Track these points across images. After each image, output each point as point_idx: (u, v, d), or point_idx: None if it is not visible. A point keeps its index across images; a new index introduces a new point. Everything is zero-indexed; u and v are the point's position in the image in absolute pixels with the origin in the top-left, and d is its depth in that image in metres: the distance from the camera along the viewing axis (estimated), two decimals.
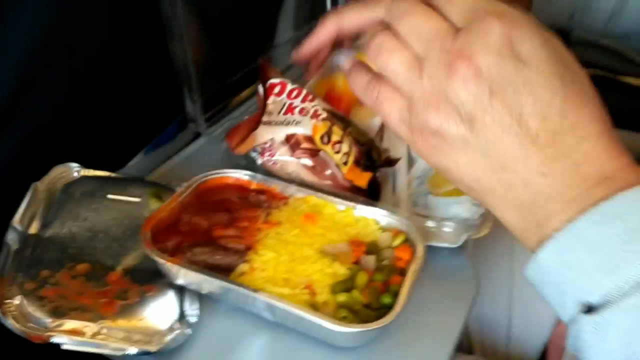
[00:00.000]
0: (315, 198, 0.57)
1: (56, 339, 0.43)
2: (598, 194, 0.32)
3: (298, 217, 0.55)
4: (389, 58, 0.37)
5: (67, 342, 0.43)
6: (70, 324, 0.44)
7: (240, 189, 0.59)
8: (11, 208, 0.54)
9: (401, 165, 0.67)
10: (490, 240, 0.73)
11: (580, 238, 0.32)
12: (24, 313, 0.45)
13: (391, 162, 0.65)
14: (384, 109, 0.38)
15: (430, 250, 0.56)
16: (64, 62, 0.60)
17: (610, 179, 0.33)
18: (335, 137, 0.60)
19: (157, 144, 0.76)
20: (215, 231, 0.53)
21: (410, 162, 0.68)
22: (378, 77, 0.39)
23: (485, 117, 0.33)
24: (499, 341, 0.74)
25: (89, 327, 0.45)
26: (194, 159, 0.69)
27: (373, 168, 0.60)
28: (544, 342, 0.71)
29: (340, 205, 0.56)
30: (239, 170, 0.59)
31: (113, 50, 0.66)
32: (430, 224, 0.57)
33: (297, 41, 0.82)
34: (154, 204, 0.58)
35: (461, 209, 0.60)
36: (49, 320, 0.44)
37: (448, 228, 0.57)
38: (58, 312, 0.45)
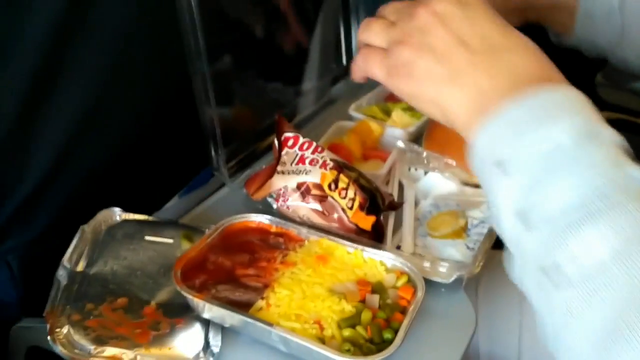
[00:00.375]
0: (327, 241, 0.63)
1: None
2: (526, 89, 0.42)
3: (312, 259, 0.61)
4: (372, 25, 0.52)
5: None
6: (110, 350, 0.51)
7: (261, 231, 0.65)
8: (62, 247, 0.62)
9: (406, 208, 0.73)
10: (500, 279, 0.76)
11: (504, 117, 0.42)
12: (71, 341, 0.52)
13: (395, 206, 0.71)
14: (369, 63, 0.52)
15: (432, 288, 0.62)
16: (111, 119, 0.69)
17: (538, 80, 0.43)
18: (341, 184, 0.66)
19: (190, 188, 0.83)
20: (238, 270, 0.60)
21: (415, 205, 0.75)
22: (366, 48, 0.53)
23: (439, 42, 0.47)
24: None
25: (126, 354, 0.51)
26: (221, 203, 0.76)
27: (377, 212, 0.66)
28: None
29: (350, 248, 0.62)
30: (260, 215, 0.66)
31: (152, 109, 0.74)
32: (425, 264, 0.63)
33: (321, 89, 0.90)
34: (185, 245, 0.65)
35: (455, 251, 0.67)
36: (92, 347, 0.51)
37: (442, 268, 0.63)
38: (100, 340, 0.52)
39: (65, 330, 0.52)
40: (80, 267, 0.60)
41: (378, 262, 0.61)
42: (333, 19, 0.99)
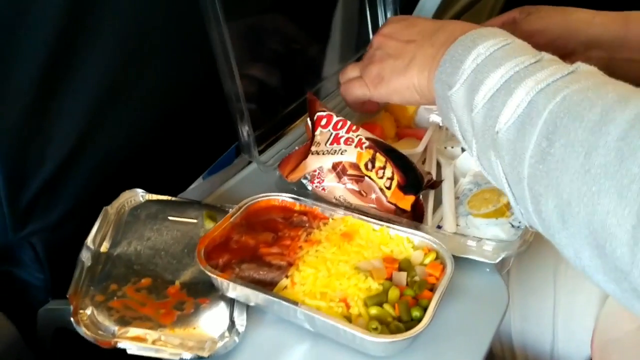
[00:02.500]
0: (352, 218, 0.62)
1: (122, 344, 0.50)
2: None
3: (336, 236, 0.60)
4: (346, 67, 0.73)
5: (131, 347, 0.50)
6: (133, 331, 0.51)
7: (285, 210, 0.64)
8: (85, 229, 0.61)
9: (445, 187, 0.70)
10: (534, 258, 0.75)
11: (445, 59, 0.54)
12: (95, 322, 0.51)
13: (434, 184, 0.69)
14: (351, 90, 0.70)
15: (468, 267, 0.60)
16: (132, 99, 0.68)
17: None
18: (378, 164, 0.64)
19: (214, 169, 0.83)
20: (262, 249, 0.59)
21: (454, 183, 0.72)
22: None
23: (393, 49, 0.64)
24: (544, 356, 0.75)
25: (150, 335, 0.51)
26: (246, 183, 0.75)
27: (416, 191, 0.64)
28: (588, 357, 0.72)
29: (375, 225, 0.61)
30: (283, 194, 0.65)
31: (176, 89, 0.73)
32: (470, 242, 0.61)
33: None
34: (209, 224, 0.64)
35: (500, 230, 0.64)
36: (115, 328, 0.51)
37: (487, 247, 0.60)
38: (124, 321, 0.52)
39: (89, 311, 0.52)
40: (104, 248, 0.60)
41: (405, 238, 0.60)
42: (354, 2, 0.97)
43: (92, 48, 0.61)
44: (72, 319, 0.51)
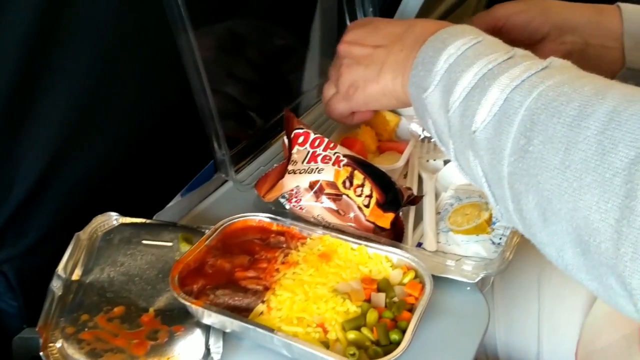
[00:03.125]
0: (330, 237, 0.61)
1: None
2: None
3: (314, 257, 0.59)
4: (324, 86, 0.72)
5: None
6: None
7: (262, 230, 0.63)
8: (59, 255, 0.60)
9: (426, 202, 0.70)
10: (518, 270, 0.74)
11: (417, 62, 0.54)
12: (65, 355, 0.50)
13: (414, 200, 0.68)
14: (332, 107, 0.69)
15: (448, 286, 0.59)
16: (104, 121, 0.67)
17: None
18: (357, 181, 0.63)
19: (193, 186, 0.81)
20: (237, 273, 0.58)
21: (435, 197, 0.71)
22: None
23: (360, 56, 0.63)
24: None
25: None
26: (223, 202, 0.74)
27: (396, 208, 0.63)
28: None
29: (354, 244, 0.60)
30: (261, 214, 0.64)
31: (149, 108, 0.72)
32: (449, 262, 0.60)
33: (322, 89, 0.87)
34: (185, 247, 0.63)
35: (480, 247, 0.63)
36: None
37: (467, 266, 0.60)
38: (94, 354, 0.50)
39: (59, 344, 0.51)
40: (75, 276, 0.58)
41: (383, 257, 0.59)
42: (334, 6, 0.96)
43: (61, 70, 0.59)
44: (41, 352, 0.50)
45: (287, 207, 0.66)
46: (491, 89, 0.45)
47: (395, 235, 0.63)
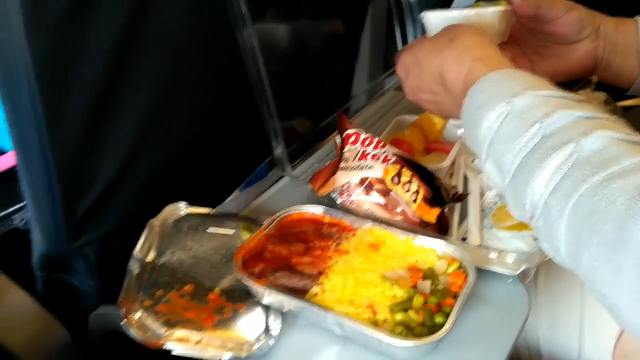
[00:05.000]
0: (379, 229, 0.65)
1: (168, 345, 0.55)
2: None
3: (364, 247, 0.64)
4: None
5: (176, 348, 0.54)
6: (178, 333, 0.56)
7: (316, 222, 0.68)
8: (133, 240, 0.67)
9: (471, 200, 0.74)
10: (562, 267, 0.77)
11: (466, 122, 0.56)
12: (144, 325, 0.57)
13: (460, 197, 0.72)
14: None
15: (490, 277, 0.63)
16: (174, 120, 0.74)
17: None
18: (404, 178, 0.68)
19: (250, 182, 0.87)
20: (294, 258, 0.63)
21: (480, 196, 0.75)
22: None
23: (421, 101, 0.66)
24: None
25: (193, 336, 0.56)
26: (279, 196, 0.79)
27: (441, 204, 0.68)
28: None
29: (401, 236, 0.64)
30: (314, 206, 0.69)
31: (214, 108, 0.78)
32: (492, 255, 0.64)
33: (372, 92, 0.93)
34: (245, 235, 0.69)
35: (523, 243, 0.67)
36: (163, 330, 0.56)
37: (509, 259, 0.63)
38: (169, 324, 0.56)
39: (138, 315, 0.57)
40: (150, 258, 0.65)
41: (429, 249, 0.63)
42: (383, 12, 1.01)
43: (138, 76, 0.66)
44: (123, 322, 0.56)
45: (339, 201, 0.71)
46: (529, 187, 0.46)
47: (440, 229, 0.67)
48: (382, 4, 0.98)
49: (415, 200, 0.67)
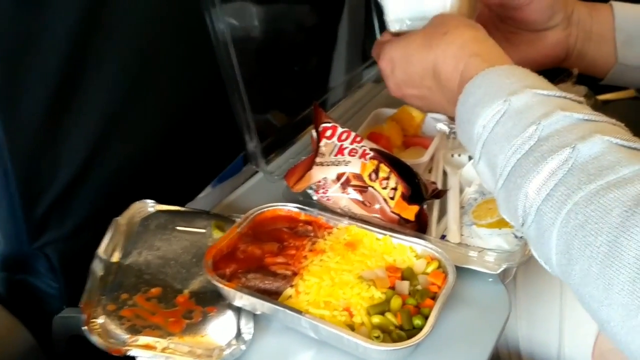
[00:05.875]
0: (356, 228, 0.63)
1: (132, 352, 0.52)
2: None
3: (340, 246, 0.61)
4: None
5: (141, 355, 0.51)
6: (144, 339, 0.53)
7: (291, 219, 0.66)
8: (98, 239, 0.63)
9: (450, 196, 0.71)
10: (539, 263, 0.75)
11: (460, 120, 0.53)
12: (106, 330, 0.53)
13: (439, 193, 0.70)
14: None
15: (470, 276, 0.61)
16: (141, 112, 0.70)
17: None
18: (382, 174, 0.66)
19: (223, 177, 0.84)
20: (267, 259, 0.60)
21: (460, 192, 0.73)
22: None
23: (408, 96, 0.63)
24: None
25: (159, 343, 0.53)
26: (252, 193, 0.77)
27: (420, 201, 0.65)
28: None
29: (379, 234, 0.62)
30: (289, 204, 0.66)
31: (183, 101, 0.75)
32: (472, 253, 0.62)
33: (349, 84, 0.90)
34: (217, 234, 0.66)
35: (503, 240, 0.65)
36: (127, 337, 0.53)
37: (489, 257, 0.61)
38: (134, 330, 0.53)
39: (101, 320, 0.54)
40: (115, 258, 0.62)
41: (408, 247, 0.61)
42: (361, 2, 0.98)
43: (101, 64, 0.63)
44: (84, 327, 0.53)
45: (315, 197, 0.68)
46: (522, 192, 0.44)
47: (419, 227, 0.65)
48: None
49: (393, 197, 0.65)
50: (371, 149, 0.68)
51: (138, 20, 0.64)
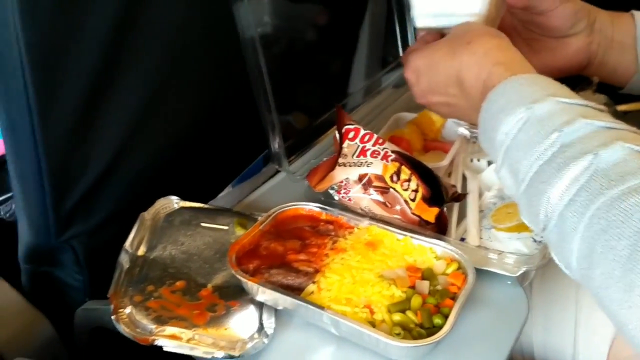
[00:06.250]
0: (377, 228, 0.64)
1: (159, 342, 0.53)
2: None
3: (361, 245, 0.62)
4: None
5: (167, 345, 0.53)
6: (170, 330, 0.54)
7: (312, 219, 0.67)
8: (123, 234, 0.65)
9: (470, 200, 0.72)
10: (558, 270, 0.76)
11: (482, 129, 0.54)
12: (133, 320, 0.55)
13: (458, 197, 0.71)
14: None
15: (490, 279, 0.62)
16: (168, 112, 0.72)
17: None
18: (403, 176, 0.67)
19: (243, 177, 0.86)
20: (289, 256, 0.61)
21: (479, 196, 0.74)
22: None
23: (434, 104, 0.64)
24: None
25: (185, 333, 0.54)
26: (274, 192, 0.78)
27: (440, 203, 0.66)
28: None
29: (399, 235, 0.63)
30: (311, 203, 0.67)
31: (208, 101, 0.77)
32: (492, 255, 0.63)
33: (369, 89, 0.91)
34: (239, 231, 0.67)
35: (522, 244, 0.66)
36: (153, 327, 0.54)
37: (508, 260, 0.62)
38: (160, 320, 0.55)
39: (128, 310, 0.55)
40: (141, 252, 0.63)
41: (428, 249, 0.62)
42: (383, 9, 1.00)
43: (133, 64, 0.64)
44: (112, 317, 0.54)
45: (336, 198, 0.69)
46: (544, 197, 0.45)
47: (439, 229, 0.66)
48: (382, 2, 0.97)
49: (414, 199, 0.66)
50: (393, 151, 0.69)
51: (170, 21, 0.66)
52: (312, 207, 0.67)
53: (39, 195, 0.61)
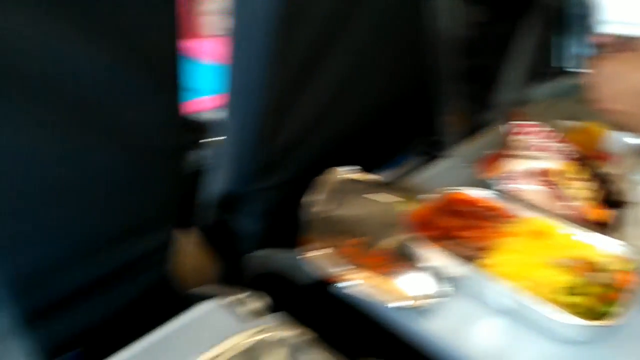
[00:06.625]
0: (542, 220, 0.67)
1: (346, 284, 0.59)
2: None
3: (526, 233, 0.66)
4: None
5: (353, 286, 0.58)
6: (355, 274, 0.60)
7: (477, 204, 0.71)
8: (301, 193, 0.71)
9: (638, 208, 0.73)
10: None
11: None
12: (323, 263, 0.61)
13: (625, 204, 0.72)
14: None
15: None
16: (359, 92, 0.79)
17: None
18: (579, 175, 0.70)
19: (405, 160, 0.91)
20: (460, 231, 0.66)
21: None
22: None
23: None
24: None
25: (369, 279, 0.60)
26: (438, 176, 0.83)
27: (612, 206, 0.69)
28: None
29: (565, 230, 0.66)
30: (478, 189, 0.72)
31: (389, 88, 0.83)
32: None
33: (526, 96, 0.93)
34: (407, 206, 0.72)
35: None
36: (339, 270, 0.60)
37: None
38: (346, 265, 0.61)
39: (316, 253, 0.62)
40: (321, 210, 0.70)
41: (594, 246, 0.64)
42: (540, 26, 1.02)
43: (345, 44, 0.72)
44: (302, 256, 0.61)
45: (501, 187, 0.73)
46: None
47: (607, 230, 0.68)
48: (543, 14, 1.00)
49: (583, 198, 0.68)
50: (565, 149, 0.72)
51: (374, 20, 0.73)
52: (478, 194, 0.71)
53: (251, 144, 0.69)
